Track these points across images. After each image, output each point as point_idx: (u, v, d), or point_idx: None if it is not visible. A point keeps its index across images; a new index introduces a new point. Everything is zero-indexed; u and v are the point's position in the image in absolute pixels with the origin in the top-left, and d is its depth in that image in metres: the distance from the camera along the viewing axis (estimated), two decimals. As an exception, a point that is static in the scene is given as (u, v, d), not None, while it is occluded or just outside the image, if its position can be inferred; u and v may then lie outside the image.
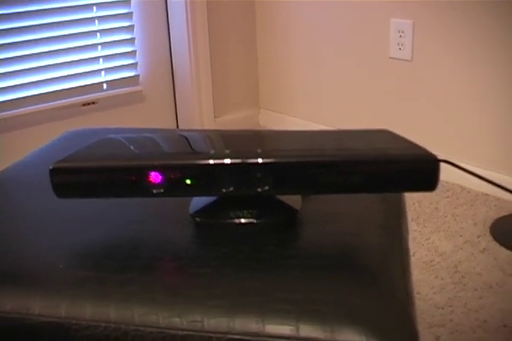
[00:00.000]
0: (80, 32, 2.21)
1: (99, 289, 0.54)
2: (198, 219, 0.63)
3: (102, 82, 2.33)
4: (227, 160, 0.55)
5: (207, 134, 0.69)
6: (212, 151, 0.58)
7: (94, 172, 0.57)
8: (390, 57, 2.17)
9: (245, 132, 0.72)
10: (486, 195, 1.97)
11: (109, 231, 0.63)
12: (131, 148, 0.62)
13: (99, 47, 2.28)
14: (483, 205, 1.92)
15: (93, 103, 2.32)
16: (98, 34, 2.26)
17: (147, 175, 0.57)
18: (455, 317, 1.40)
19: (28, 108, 2.17)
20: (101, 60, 2.30)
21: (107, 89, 2.35)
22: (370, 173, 0.54)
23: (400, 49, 2.14)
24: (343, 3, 2.24)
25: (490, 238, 1.73)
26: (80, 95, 2.28)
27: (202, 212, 0.63)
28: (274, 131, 0.69)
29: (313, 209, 0.64)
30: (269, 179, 0.55)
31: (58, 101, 2.23)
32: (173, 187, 0.57)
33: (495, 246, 1.69)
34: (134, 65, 2.39)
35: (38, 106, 2.19)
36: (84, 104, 2.30)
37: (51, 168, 0.57)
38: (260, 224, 0.61)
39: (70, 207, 0.69)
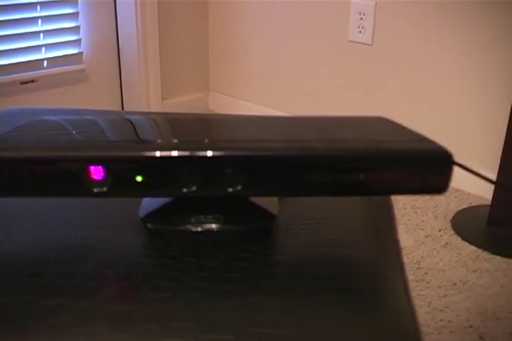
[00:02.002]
0: (19, 3, 2.04)
1: (20, 320, 0.41)
2: (150, 225, 0.50)
3: (43, 59, 2.18)
4: (186, 152, 0.43)
5: (161, 118, 0.57)
6: (170, 140, 0.46)
7: (18, 165, 0.44)
8: (350, 41, 2.08)
9: (208, 116, 0.60)
10: (446, 186, 1.90)
11: (36, 240, 0.49)
12: (68, 134, 0.49)
13: (40, 21, 2.12)
14: (444, 197, 1.85)
15: (32, 81, 2.19)
16: (38, 7, 2.10)
17: (86, 170, 0.44)
18: (419, 318, 1.32)
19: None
20: (41, 35, 2.15)
21: (47, 67, 2.20)
22: (371, 172, 0.43)
23: (360, 32, 2.04)
24: (302, -19, 2.13)
25: (452, 232, 1.66)
26: (18, 72, 2.13)
27: (155, 216, 0.50)
28: (246, 117, 0.57)
29: (292, 214, 0.52)
30: (242, 176, 0.44)
31: (-6, 79, 2.09)
32: (119, 185, 0.44)
33: (457, 240, 1.62)
34: (77, 42, 2.25)
35: (-30, 83, 2.04)
36: (22, 83, 2.17)
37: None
38: (230, 233, 0.49)
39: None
